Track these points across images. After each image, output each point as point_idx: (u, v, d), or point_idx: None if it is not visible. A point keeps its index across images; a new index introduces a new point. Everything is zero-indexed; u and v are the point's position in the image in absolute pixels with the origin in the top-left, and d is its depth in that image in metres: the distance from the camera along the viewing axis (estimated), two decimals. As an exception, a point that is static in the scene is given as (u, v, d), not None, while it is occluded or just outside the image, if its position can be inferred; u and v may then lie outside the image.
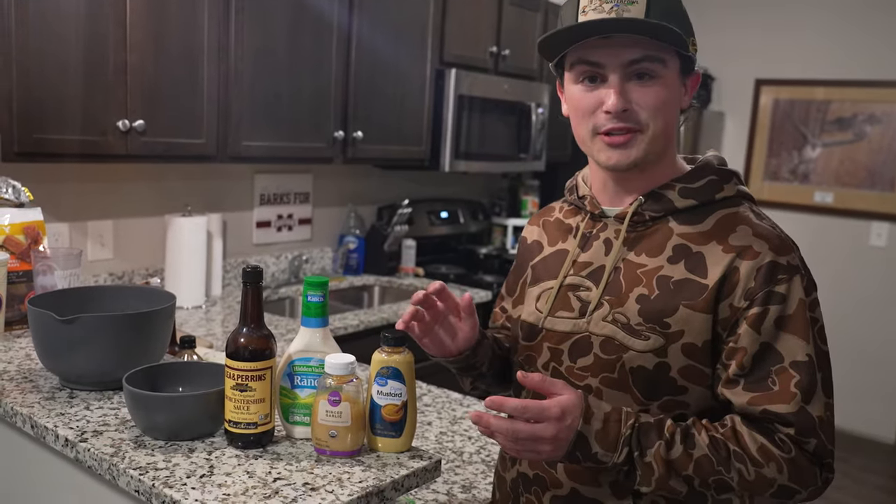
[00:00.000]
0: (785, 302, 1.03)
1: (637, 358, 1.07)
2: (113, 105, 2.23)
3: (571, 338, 1.14)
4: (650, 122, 1.07)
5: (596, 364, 1.11)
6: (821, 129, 4.53)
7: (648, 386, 1.08)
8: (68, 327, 1.26)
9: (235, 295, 2.97)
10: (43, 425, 1.19)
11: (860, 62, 4.36)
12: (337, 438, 1.11)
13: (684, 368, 1.06)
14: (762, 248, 1.05)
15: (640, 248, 1.12)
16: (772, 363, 1.03)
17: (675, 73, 1.09)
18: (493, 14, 3.53)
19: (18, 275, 1.66)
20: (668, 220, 1.12)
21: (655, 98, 1.07)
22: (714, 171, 1.14)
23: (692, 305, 1.05)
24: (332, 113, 2.91)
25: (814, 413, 1.02)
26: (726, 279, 1.04)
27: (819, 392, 1.02)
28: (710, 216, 1.10)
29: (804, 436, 1.02)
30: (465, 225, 4.01)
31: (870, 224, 4.41)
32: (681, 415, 1.08)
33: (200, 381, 1.25)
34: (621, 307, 1.10)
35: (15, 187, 1.74)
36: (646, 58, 1.05)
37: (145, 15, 2.26)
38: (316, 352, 1.16)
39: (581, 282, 1.16)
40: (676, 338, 1.06)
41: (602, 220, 1.17)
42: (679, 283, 1.07)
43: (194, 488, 1.01)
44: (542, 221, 1.30)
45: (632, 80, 1.06)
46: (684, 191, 1.12)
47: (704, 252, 1.07)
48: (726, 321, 1.05)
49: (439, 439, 1.66)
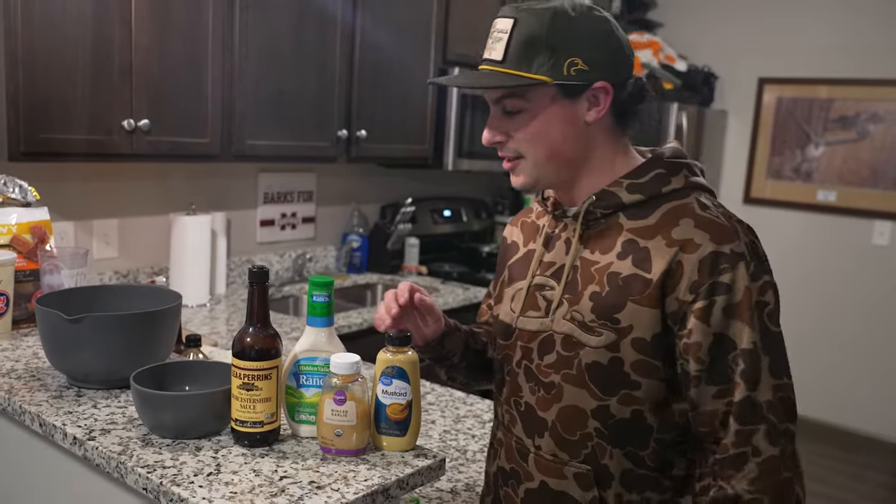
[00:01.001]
0: (731, 291, 1.04)
1: (592, 354, 1.11)
2: (118, 104, 2.24)
3: (539, 336, 1.18)
4: (526, 151, 1.14)
5: (558, 361, 1.15)
6: (824, 127, 4.53)
7: (604, 381, 1.11)
8: (76, 326, 1.28)
9: (239, 293, 2.98)
10: (51, 423, 1.21)
11: (863, 60, 4.35)
12: (342, 437, 1.12)
13: (636, 363, 1.09)
14: (703, 239, 1.06)
15: (594, 246, 1.15)
16: (726, 352, 1.05)
17: (547, 101, 1.10)
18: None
19: (25, 274, 1.67)
20: (618, 216, 1.14)
21: (522, 130, 1.12)
22: (662, 165, 1.16)
23: (638, 301, 1.08)
24: (336, 112, 2.91)
25: (760, 399, 1.03)
26: (670, 273, 1.06)
27: (765, 376, 1.04)
28: (656, 210, 1.12)
29: (750, 423, 1.03)
30: (467, 223, 4.02)
31: (872, 223, 4.40)
32: (637, 410, 1.10)
33: (206, 379, 1.26)
34: (577, 305, 1.13)
35: (22, 187, 1.75)
36: (504, 95, 1.12)
37: (150, 15, 2.28)
38: (321, 351, 1.17)
39: (546, 281, 1.20)
40: (626, 333, 1.09)
41: (563, 220, 1.21)
42: (627, 279, 1.10)
43: (202, 486, 1.02)
44: (521, 222, 1.34)
45: (505, 114, 1.14)
46: (632, 186, 1.14)
47: (650, 247, 1.09)
48: (675, 315, 1.07)
49: (443, 437, 1.67)
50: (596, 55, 1.10)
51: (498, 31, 1.11)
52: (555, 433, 1.16)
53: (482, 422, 1.77)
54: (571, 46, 1.08)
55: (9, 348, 1.54)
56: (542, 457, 1.17)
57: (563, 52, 1.08)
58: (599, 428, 1.12)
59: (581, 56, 1.09)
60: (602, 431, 1.12)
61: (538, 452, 1.18)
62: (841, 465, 4.07)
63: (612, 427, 1.12)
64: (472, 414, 1.82)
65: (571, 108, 1.12)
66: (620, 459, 1.12)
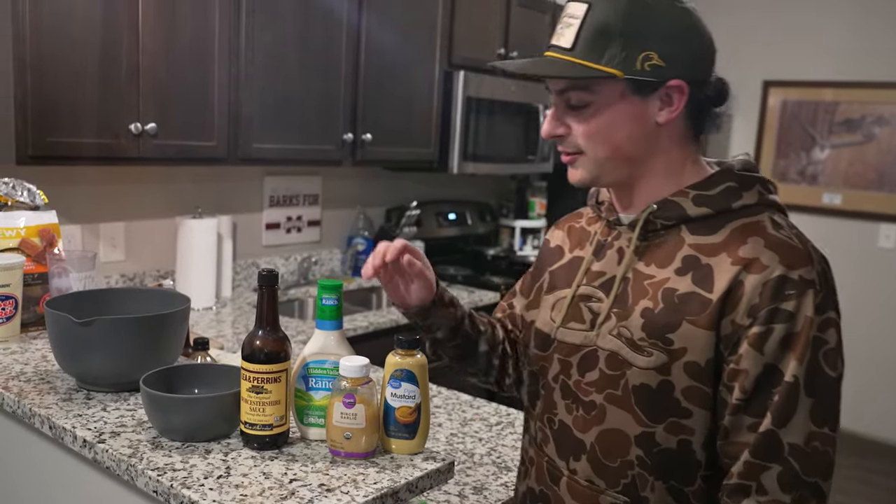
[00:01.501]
0: (792, 319, 0.96)
1: (640, 375, 1.03)
2: (125, 108, 2.26)
3: (581, 350, 1.11)
4: (586, 147, 1.07)
5: (601, 379, 1.07)
6: (829, 130, 4.53)
7: (652, 406, 1.02)
8: (85, 329, 1.28)
9: (245, 296, 2.99)
10: (61, 426, 1.21)
11: (869, 63, 4.36)
12: (351, 440, 1.12)
13: (688, 389, 1.01)
14: (772, 260, 0.98)
15: (650, 258, 1.07)
16: (773, 385, 0.96)
17: (615, 96, 1.03)
18: (501, 16, 3.54)
19: (34, 277, 1.68)
20: (680, 228, 1.06)
21: (586, 126, 1.05)
22: (734, 178, 1.07)
23: (695, 321, 1.00)
24: (342, 115, 2.92)
25: (786, 439, 0.95)
26: (730, 293, 0.98)
27: (802, 418, 0.95)
28: (725, 226, 1.04)
29: (763, 459, 0.95)
30: (472, 226, 4.03)
31: (878, 226, 4.41)
32: (685, 441, 1.02)
33: (215, 382, 1.26)
34: (626, 320, 1.05)
35: (30, 190, 1.76)
36: (568, 87, 1.05)
37: (157, 19, 2.29)
38: (330, 354, 1.17)
39: (593, 292, 1.12)
40: (679, 355, 1.00)
41: (617, 227, 1.14)
42: (684, 297, 1.02)
43: (212, 489, 1.02)
44: (569, 227, 1.27)
45: (568, 107, 1.07)
46: (699, 198, 1.06)
47: (713, 264, 1.01)
48: (728, 339, 0.99)
49: (450, 441, 1.68)
50: (674, 50, 1.01)
51: (569, 17, 1.03)
52: (593, 457, 1.08)
53: (489, 425, 1.77)
54: (647, 39, 1.00)
55: (18, 351, 1.55)
56: (576, 482, 1.10)
57: (638, 44, 1.00)
58: (642, 457, 1.03)
59: (657, 50, 1.00)
60: (645, 461, 1.03)
61: (572, 476, 1.10)
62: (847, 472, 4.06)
63: (656, 457, 1.03)
64: (479, 417, 1.82)
65: (641, 106, 1.04)
66: (662, 494, 1.04)
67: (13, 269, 1.58)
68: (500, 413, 1.86)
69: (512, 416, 1.84)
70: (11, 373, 1.42)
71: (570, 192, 4.36)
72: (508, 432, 1.74)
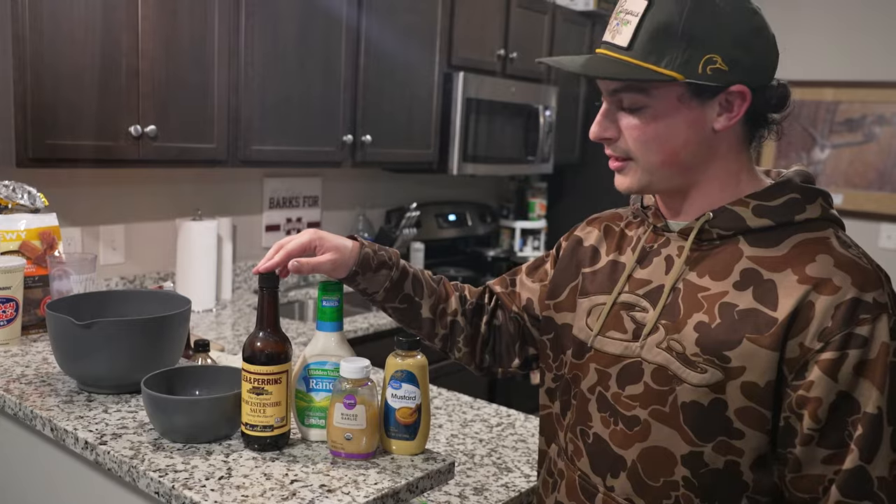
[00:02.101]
0: (867, 345, 0.91)
1: (691, 392, 0.97)
2: (125, 110, 2.26)
3: (621, 362, 1.05)
4: (636, 154, 1.02)
5: (646, 394, 1.01)
6: (830, 130, 4.54)
7: (701, 424, 0.97)
8: (87, 332, 1.29)
9: (245, 298, 3.00)
10: (63, 428, 1.22)
11: (869, 62, 4.37)
12: (352, 441, 1.13)
13: (742, 410, 0.95)
14: (844, 282, 0.93)
15: (704, 269, 1.02)
16: (848, 414, 0.91)
17: (673, 99, 0.98)
18: (500, 17, 3.55)
19: (34, 279, 1.68)
20: (738, 239, 1.01)
21: (639, 130, 1.00)
22: (796, 189, 1.02)
23: (757, 340, 0.94)
24: (342, 116, 2.93)
25: (874, 473, 0.90)
26: (798, 314, 0.93)
27: (885, 449, 0.91)
28: (786, 240, 0.99)
29: (854, 498, 0.91)
30: (472, 227, 4.03)
31: (880, 226, 4.41)
32: (733, 462, 0.97)
33: (216, 384, 1.27)
34: (678, 334, 1.00)
35: (30, 193, 1.76)
36: (623, 88, 1.00)
37: (157, 21, 2.29)
38: (331, 355, 1.18)
39: (637, 301, 1.06)
40: (737, 374, 0.95)
41: (665, 234, 1.08)
42: (744, 313, 0.96)
43: (213, 490, 1.03)
44: (605, 227, 1.20)
45: (620, 109, 1.02)
46: (759, 209, 1.00)
47: (776, 280, 0.96)
48: (794, 361, 0.93)
49: (450, 441, 1.68)
50: (739, 54, 0.96)
51: (626, 12, 0.98)
52: (634, 475, 1.02)
53: (489, 426, 1.78)
54: (712, 41, 0.95)
55: (18, 353, 1.55)
56: (613, 499, 1.04)
57: (702, 46, 0.95)
58: (688, 477, 0.98)
59: (721, 53, 0.95)
60: (691, 481, 0.98)
61: (609, 494, 1.05)
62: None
63: (702, 477, 0.98)
64: (480, 418, 1.82)
65: (700, 112, 0.99)
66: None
67: (14, 272, 1.59)
68: (501, 414, 1.86)
69: (512, 418, 1.84)
70: (12, 375, 1.43)
71: (571, 193, 4.39)
72: (509, 433, 1.74)
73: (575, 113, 4.15)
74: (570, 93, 4.08)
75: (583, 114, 4.19)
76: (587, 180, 4.19)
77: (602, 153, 1.09)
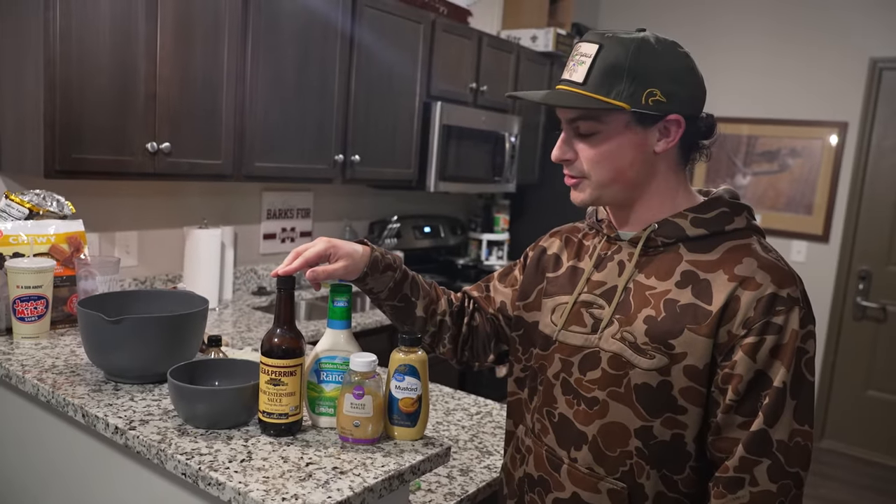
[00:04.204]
0: (781, 332, 0.97)
1: (642, 375, 1.02)
2: (143, 129, 2.21)
3: (582, 351, 1.09)
4: (591, 172, 1.06)
5: (603, 378, 1.06)
6: (751, 160, 4.63)
7: (651, 402, 1.02)
8: (116, 327, 1.25)
9: (245, 299, 2.94)
10: (94, 414, 1.17)
11: (781, 103, 4.46)
12: (360, 428, 1.11)
13: (685, 389, 1.01)
14: (765, 280, 0.99)
15: (650, 271, 1.07)
16: (762, 388, 0.98)
17: (621, 125, 1.03)
18: (473, 55, 3.56)
19: (62, 279, 1.63)
20: (678, 246, 1.06)
21: (592, 153, 1.05)
22: (726, 204, 1.08)
23: (696, 329, 1.00)
24: (334, 138, 2.90)
25: (774, 436, 0.96)
26: (728, 306, 0.99)
27: (787, 418, 0.96)
28: (718, 246, 1.05)
29: (755, 454, 0.96)
30: (445, 238, 4.02)
31: (791, 242, 4.50)
32: (679, 435, 1.02)
33: (231, 375, 1.23)
34: (630, 326, 1.05)
35: (59, 201, 1.70)
36: (579, 117, 1.05)
37: (173, 51, 2.25)
38: (341, 350, 1.15)
39: (594, 299, 1.11)
40: (679, 359, 1.00)
41: (617, 242, 1.13)
42: (685, 308, 1.01)
43: (237, 472, 1.00)
44: (566, 238, 1.25)
45: (577, 135, 1.07)
46: (696, 220, 1.06)
47: (711, 279, 1.01)
48: (723, 346, 0.99)
49: (436, 428, 1.66)
50: (674, 89, 1.02)
51: (581, 55, 1.04)
52: (594, 448, 1.06)
53: (470, 414, 1.76)
54: (652, 78, 1.01)
55: (48, 346, 1.50)
56: (577, 469, 1.08)
57: (644, 82, 1.00)
58: (640, 447, 1.03)
59: (660, 88, 1.01)
60: (643, 451, 1.03)
61: (573, 464, 1.09)
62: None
63: (652, 448, 1.03)
64: (461, 407, 1.81)
65: (643, 136, 1.04)
66: (656, 481, 1.03)
67: (44, 272, 1.54)
68: (479, 403, 1.85)
69: (489, 407, 1.83)
70: (44, 366, 1.38)
71: (531, 210, 4.40)
72: (487, 421, 1.73)
73: (535, 140, 4.17)
74: (532, 122, 4.10)
75: (542, 141, 4.21)
76: (544, 199, 4.21)
77: (558, 176, 1.13)
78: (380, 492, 1.01)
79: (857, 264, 4.32)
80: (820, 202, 4.40)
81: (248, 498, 0.94)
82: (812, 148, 4.41)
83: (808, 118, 4.40)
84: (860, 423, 4.34)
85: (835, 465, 4.14)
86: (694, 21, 4.71)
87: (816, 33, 4.32)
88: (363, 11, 2.91)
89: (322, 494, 0.95)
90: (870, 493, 3.83)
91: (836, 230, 4.36)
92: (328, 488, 0.97)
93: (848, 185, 4.30)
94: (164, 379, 1.25)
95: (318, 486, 0.97)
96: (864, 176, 4.27)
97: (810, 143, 4.41)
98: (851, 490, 3.86)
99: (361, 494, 0.98)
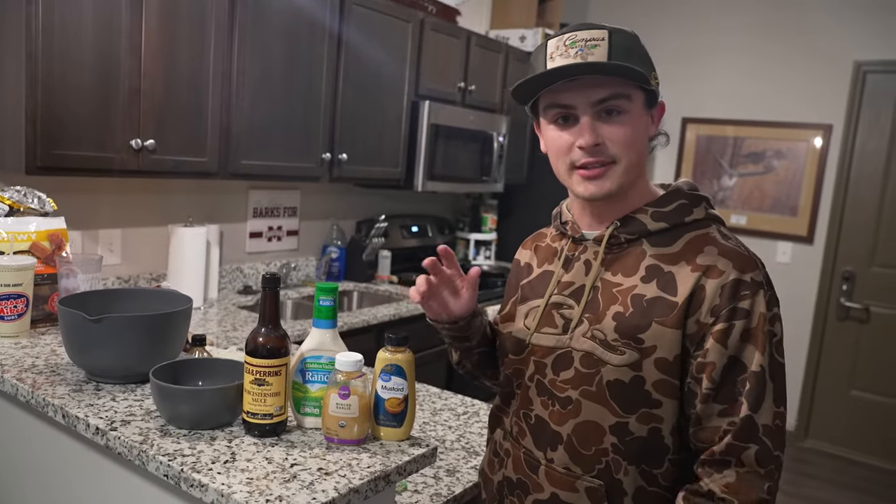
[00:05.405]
0: (749, 316, 0.98)
1: (614, 372, 1.02)
2: (127, 125, 2.18)
3: (555, 352, 1.09)
4: (622, 155, 1.03)
5: (576, 377, 1.06)
6: (737, 161, 4.65)
7: (625, 399, 1.02)
8: (97, 326, 1.23)
9: (230, 298, 2.91)
10: (74, 415, 1.15)
11: (766, 105, 4.49)
12: (345, 428, 1.09)
13: (658, 382, 1.01)
14: (727, 266, 1.00)
15: (616, 269, 1.07)
16: (738, 374, 0.98)
17: (641, 106, 1.04)
18: (461, 54, 3.55)
19: (43, 277, 1.60)
20: (641, 241, 1.07)
21: (624, 133, 1.03)
22: (684, 196, 1.09)
23: (663, 322, 1.00)
24: (321, 137, 2.88)
25: (759, 421, 0.96)
26: (693, 296, 0.99)
27: (768, 401, 0.97)
28: (680, 238, 1.05)
29: (743, 441, 0.96)
30: (432, 238, 4.01)
31: (776, 243, 4.53)
32: (656, 429, 1.02)
33: (215, 375, 1.22)
34: (599, 324, 1.05)
35: (40, 198, 1.68)
36: (612, 95, 1.02)
37: (157, 45, 2.22)
38: (326, 350, 1.14)
39: (564, 300, 1.11)
40: (649, 352, 1.00)
41: (582, 243, 1.13)
42: (651, 301, 1.02)
43: (220, 473, 0.98)
44: (535, 246, 1.26)
45: (601, 118, 1.03)
46: (656, 214, 1.07)
47: (675, 272, 1.02)
48: (693, 336, 0.99)
49: (423, 428, 1.65)
50: (656, 76, 1.06)
51: (589, 41, 1.00)
52: (569, 447, 1.06)
53: (457, 414, 1.75)
54: (651, 63, 1.04)
55: (28, 346, 1.47)
56: (554, 469, 1.08)
57: (649, 65, 1.03)
58: (616, 444, 1.03)
59: (655, 73, 1.05)
60: (619, 447, 1.03)
61: (550, 465, 1.08)
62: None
63: (629, 444, 1.02)
64: (448, 407, 1.80)
65: (648, 118, 1.06)
66: (635, 476, 1.03)
67: (25, 270, 1.51)
68: (466, 403, 1.84)
69: (476, 406, 1.82)
70: (24, 365, 1.35)
71: (518, 210, 4.40)
72: (474, 421, 1.72)
73: (523, 140, 4.17)
74: (520, 122, 4.10)
75: (530, 141, 4.21)
76: (532, 198, 4.20)
77: (546, 176, 1.11)
78: (365, 493, 0.99)
79: (840, 265, 4.35)
80: (805, 204, 4.43)
81: (232, 499, 0.92)
82: (797, 150, 4.44)
83: (793, 120, 4.43)
84: (843, 422, 4.37)
85: (818, 465, 4.16)
86: (681, 23, 4.73)
87: (802, 37, 4.35)
88: (351, 9, 2.90)
89: (307, 496, 0.94)
90: (852, 493, 3.86)
91: (820, 231, 4.39)
92: (313, 489, 0.95)
93: (832, 186, 4.33)
94: (147, 379, 1.23)
95: (302, 488, 0.96)
96: (848, 178, 4.30)
97: (795, 145, 4.44)
98: (834, 490, 3.88)
99: (347, 496, 0.96)
